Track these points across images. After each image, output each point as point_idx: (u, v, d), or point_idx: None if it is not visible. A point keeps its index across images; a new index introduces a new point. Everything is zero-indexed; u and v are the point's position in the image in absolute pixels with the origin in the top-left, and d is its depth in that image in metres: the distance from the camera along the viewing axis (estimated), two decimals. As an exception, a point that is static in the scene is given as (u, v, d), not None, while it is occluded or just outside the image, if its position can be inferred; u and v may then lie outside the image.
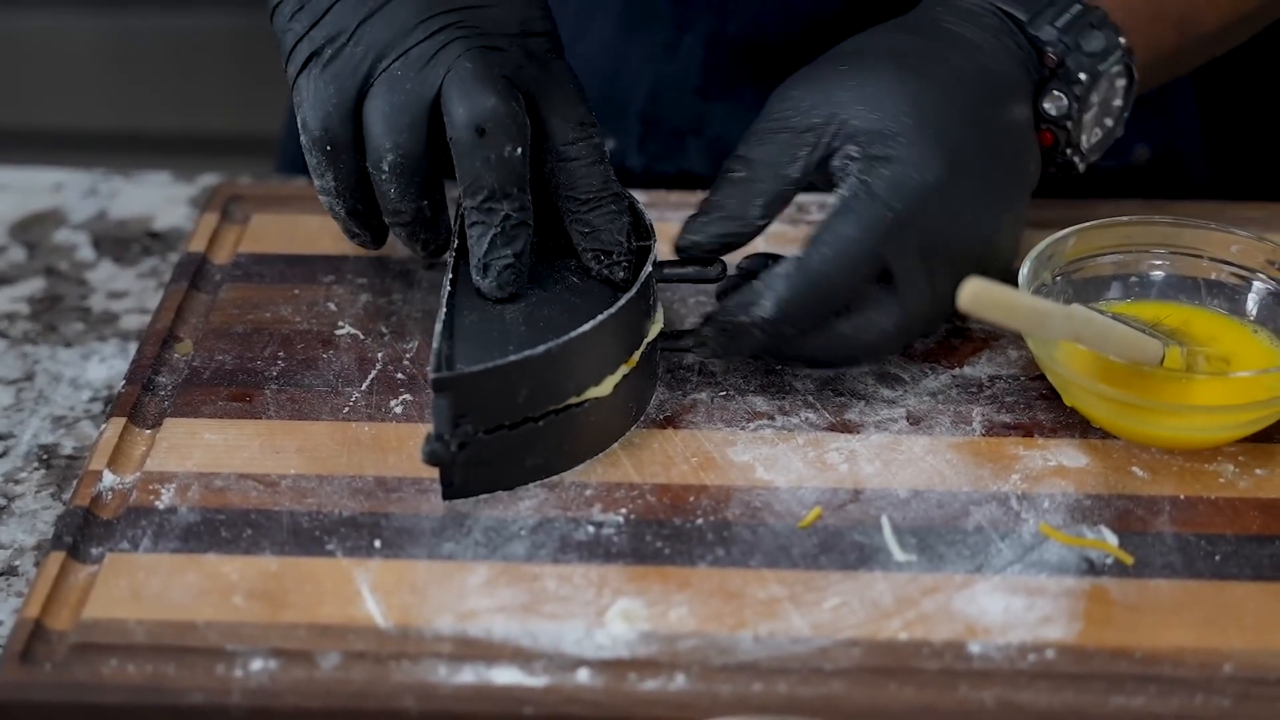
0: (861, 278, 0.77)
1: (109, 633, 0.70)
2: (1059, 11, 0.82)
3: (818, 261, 0.77)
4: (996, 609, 0.71)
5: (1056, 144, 0.82)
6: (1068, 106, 0.81)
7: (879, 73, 0.79)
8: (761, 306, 0.77)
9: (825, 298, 0.77)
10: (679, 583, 0.72)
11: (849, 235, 0.77)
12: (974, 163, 0.78)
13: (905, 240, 0.77)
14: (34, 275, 0.97)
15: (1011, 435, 0.79)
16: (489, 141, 0.78)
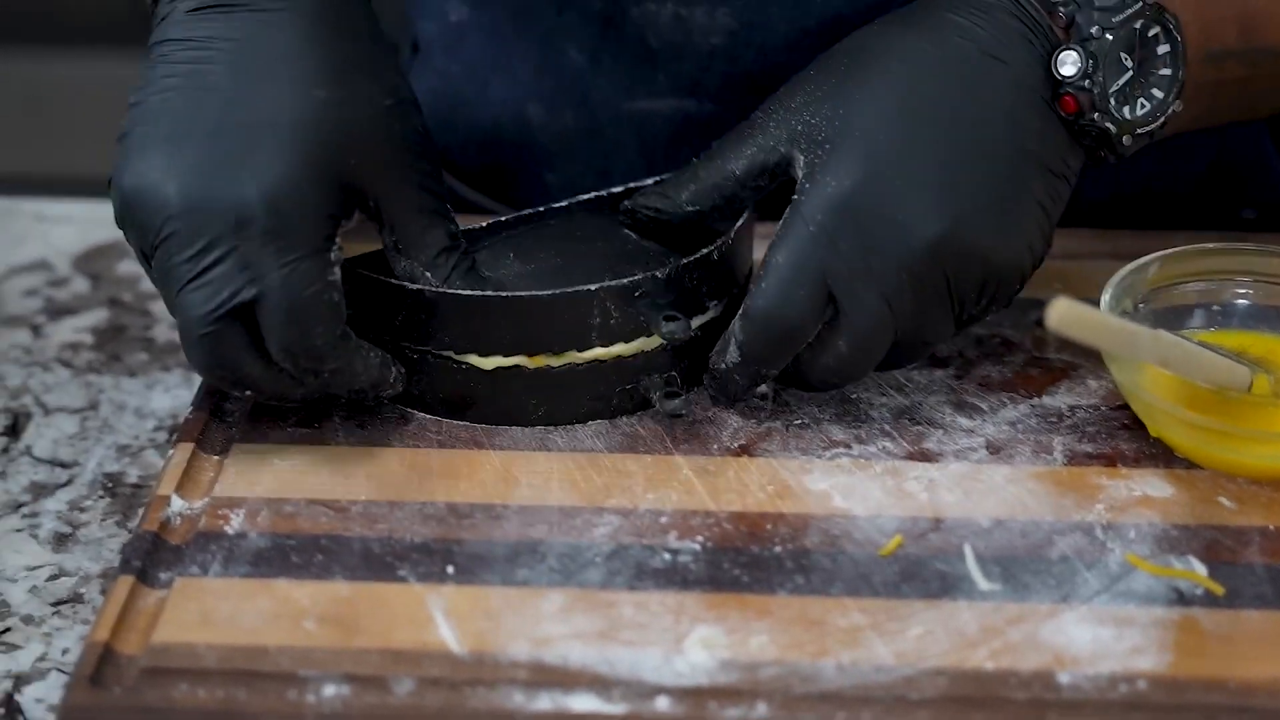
0: (809, 300, 0.76)
1: (179, 657, 0.68)
2: None
3: (760, 299, 0.77)
4: (1085, 639, 0.69)
5: (1081, 110, 0.78)
6: (1082, 64, 0.77)
7: (832, 73, 0.78)
8: (730, 354, 0.78)
9: (781, 332, 0.76)
10: (758, 610, 0.70)
11: (780, 263, 0.76)
12: (919, 158, 0.76)
13: (836, 253, 0.75)
14: (98, 306, 0.96)
15: (1094, 465, 0.78)
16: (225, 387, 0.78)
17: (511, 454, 0.78)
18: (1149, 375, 0.76)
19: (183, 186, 0.74)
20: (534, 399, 0.79)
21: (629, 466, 0.78)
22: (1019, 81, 0.77)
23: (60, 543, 0.81)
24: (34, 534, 0.81)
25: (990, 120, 0.77)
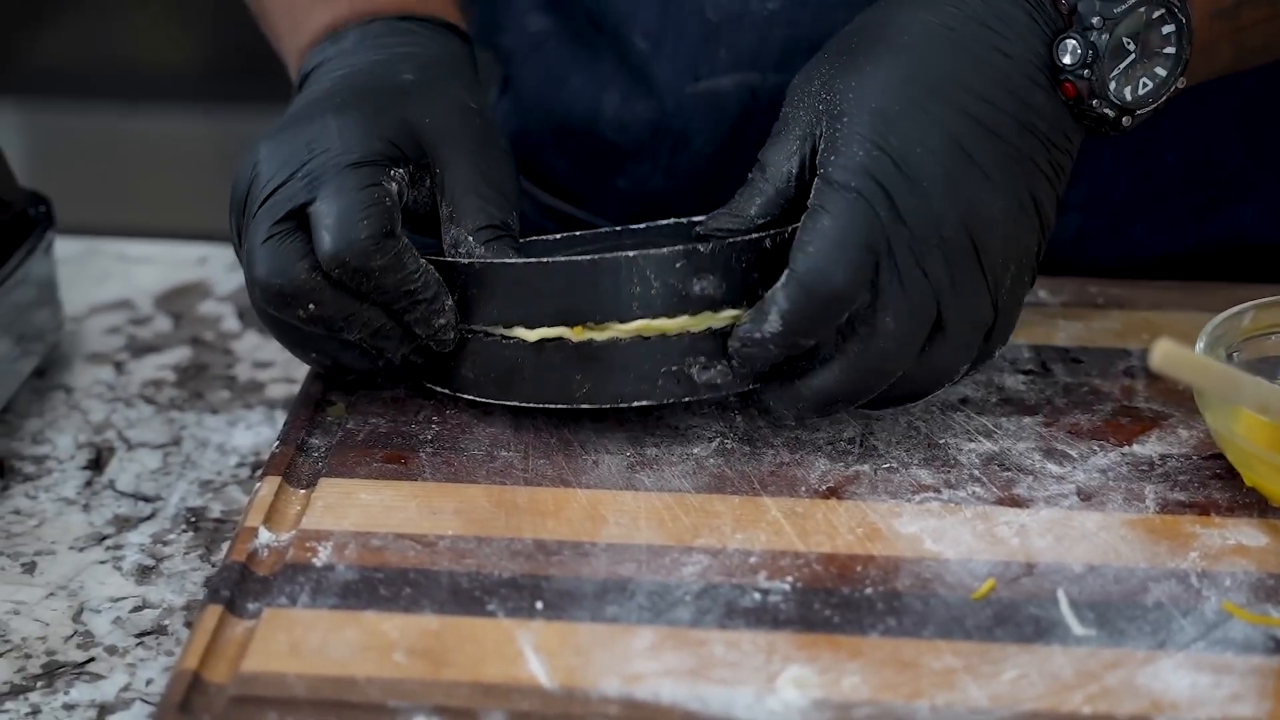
0: (856, 265, 0.75)
1: (268, 686, 0.68)
2: None
3: (808, 262, 0.75)
4: (1183, 685, 0.68)
5: (1079, 96, 0.78)
6: (1081, 53, 0.77)
7: (843, 52, 0.78)
8: (769, 323, 0.76)
9: (829, 296, 0.75)
10: (850, 651, 0.70)
11: (826, 226, 0.75)
12: (932, 130, 0.76)
13: (876, 219, 0.75)
14: (180, 344, 0.97)
15: (1187, 513, 0.77)
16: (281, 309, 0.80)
17: (598, 492, 0.78)
18: (1245, 422, 0.76)
19: (271, 136, 0.81)
20: (578, 374, 0.79)
21: (716, 507, 0.77)
22: (1022, 61, 0.78)
23: (144, 575, 0.81)
24: (118, 566, 0.81)
25: (996, 95, 0.77)
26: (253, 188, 0.80)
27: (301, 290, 0.78)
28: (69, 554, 0.82)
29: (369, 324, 0.80)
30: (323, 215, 0.78)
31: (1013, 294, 0.78)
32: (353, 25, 0.87)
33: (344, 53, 0.86)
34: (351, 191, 0.78)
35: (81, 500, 0.85)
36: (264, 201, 0.79)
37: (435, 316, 0.80)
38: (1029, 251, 0.78)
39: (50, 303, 0.94)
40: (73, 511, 0.85)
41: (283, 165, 0.80)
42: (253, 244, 0.79)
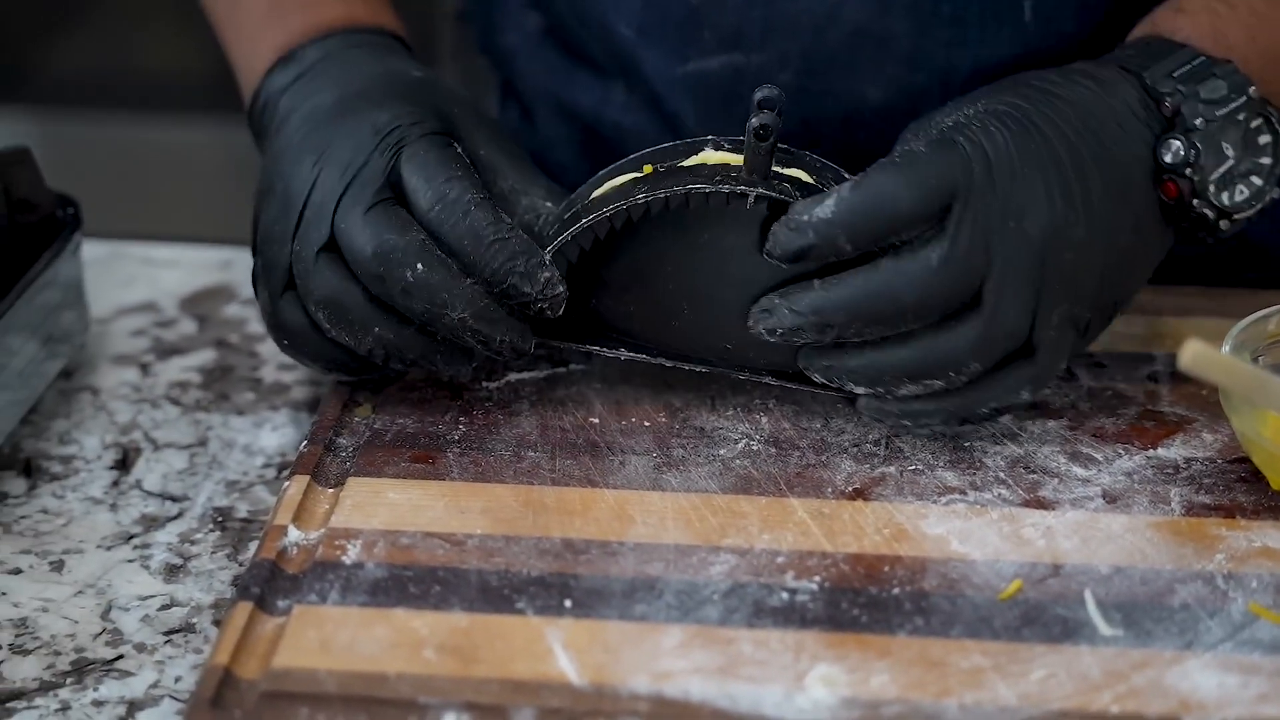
0: (927, 197, 0.76)
1: (299, 682, 0.68)
2: (1180, 64, 0.82)
3: (881, 171, 0.77)
4: (1210, 685, 0.68)
5: (1181, 195, 0.80)
6: (1184, 153, 0.80)
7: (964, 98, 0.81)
8: (823, 207, 0.77)
9: (889, 207, 0.76)
10: (878, 650, 0.70)
11: (918, 152, 0.78)
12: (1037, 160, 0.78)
13: (970, 173, 0.77)
14: (205, 347, 0.97)
15: (1212, 516, 0.77)
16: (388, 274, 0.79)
17: (625, 493, 0.78)
18: (1272, 425, 0.76)
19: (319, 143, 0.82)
20: (644, 187, 0.80)
21: (743, 507, 0.78)
22: (1132, 150, 0.80)
23: (171, 574, 0.81)
24: (145, 565, 0.82)
25: (1104, 163, 0.79)
26: (319, 185, 0.81)
27: (411, 248, 0.78)
28: (97, 553, 0.82)
29: (474, 300, 0.79)
30: (414, 177, 0.80)
31: (1059, 334, 0.78)
32: (307, 42, 0.88)
33: (324, 64, 0.87)
34: (435, 150, 0.80)
35: (109, 500, 0.86)
36: (348, 187, 0.80)
37: (539, 270, 0.79)
38: (1081, 308, 0.79)
39: (77, 304, 0.94)
40: (100, 511, 0.85)
41: (355, 151, 0.81)
42: (351, 220, 0.79)
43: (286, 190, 0.82)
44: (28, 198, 0.91)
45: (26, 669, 0.76)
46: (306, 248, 0.81)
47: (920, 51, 0.91)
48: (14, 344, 0.87)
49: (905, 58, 0.92)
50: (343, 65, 0.87)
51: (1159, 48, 0.83)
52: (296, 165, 0.82)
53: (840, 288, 0.77)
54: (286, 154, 0.83)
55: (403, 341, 0.80)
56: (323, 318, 0.81)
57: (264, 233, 0.83)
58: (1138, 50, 0.83)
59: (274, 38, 0.89)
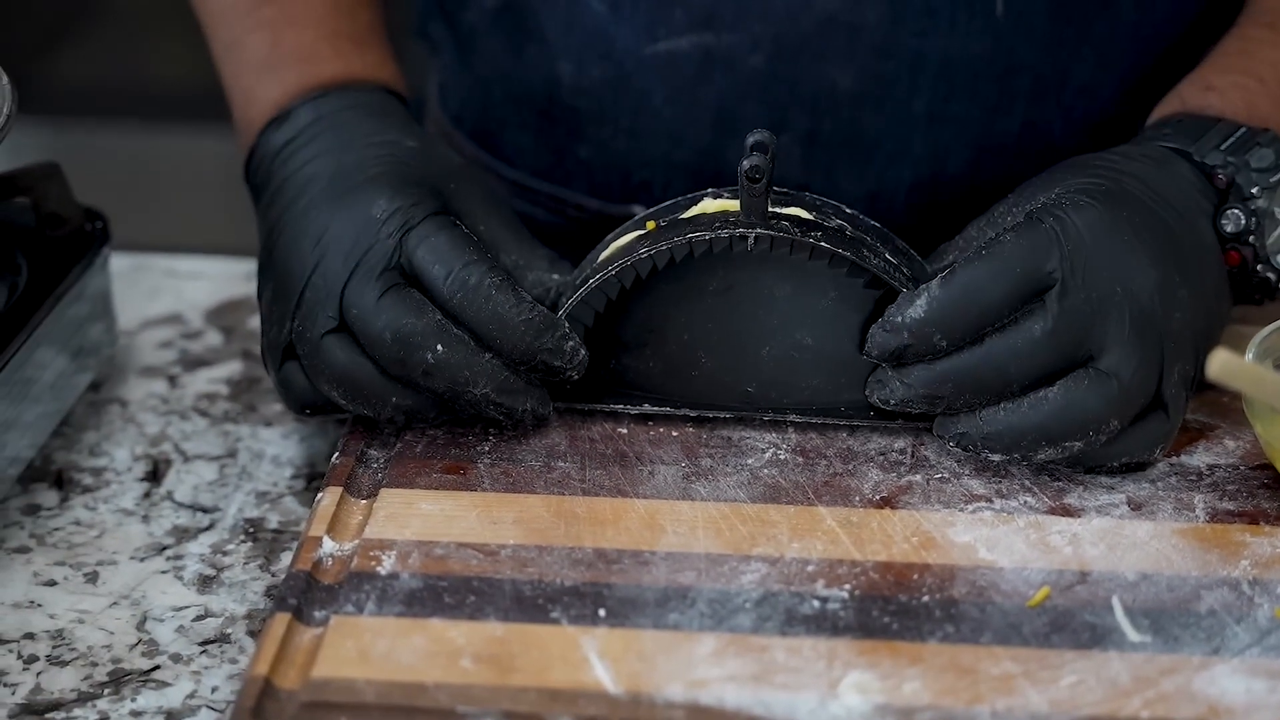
0: (1018, 284, 0.78)
1: (339, 691, 0.69)
2: (1223, 137, 0.85)
3: (979, 268, 0.79)
4: (1238, 690, 0.69)
5: (1244, 262, 0.84)
6: (1245, 222, 0.83)
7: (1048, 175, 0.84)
8: (915, 307, 0.79)
9: (976, 303, 0.78)
10: (910, 657, 0.71)
11: (1009, 240, 0.79)
12: (1132, 235, 0.80)
13: (1061, 254, 0.79)
14: (231, 358, 0.98)
15: (1237, 522, 0.78)
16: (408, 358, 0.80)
17: (655, 502, 0.79)
18: (1295, 432, 0.77)
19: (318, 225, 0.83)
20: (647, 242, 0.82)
21: (772, 516, 0.78)
22: (1200, 221, 0.83)
23: (205, 584, 0.82)
24: (179, 576, 0.83)
25: (1183, 233, 0.82)
26: (321, 269, 0.82)
27: (430, 330, 0.80)
28: (130, 564, 0.83)
29: (494, 375, 0.80)
30: (426, 257, 0.81)
31: (1178, 391, 0.80)
32: (301, 102, 0.89)
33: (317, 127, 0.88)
34: (444, 233, 0.82)
35: (140, 511, 0.87)
36: (354, 271, 0.81)
37: (565, 342, 0.81)
38: (1189, 365, 0.80)
39: (105, 317, 0.95)
40: (132, 522, 0.86)
41: (358, 236, 0.82)
42: (364, 306, 0.80)
43: (285, 271, 0.83)
44: (57, 212, 0.92)
45: (65, 680, 0.77)
46: (312, 330, 0.82)
47: (891, 40, 0.93)
48: (45, 357, 0.88)
49: (876, 46, 0.93)
50: (336, 133, 0.87)
51: (1196, 125, 0.86)
52: (295, 246, 0.83)
53: (947, 364, 0.80)
54: (283, 232, 0.84)
55: (422, 406, 0.82)
56: (338, 395, 0.82)
57: (264, 313, 0.85)
58: (1175, 129, 0.86)
59: (269, 92, 0.90)
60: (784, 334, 0.82)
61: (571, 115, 0.99)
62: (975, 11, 0.91)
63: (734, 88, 0.94)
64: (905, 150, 0.93)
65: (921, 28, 0.92)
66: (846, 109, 0.93)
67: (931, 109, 0.93)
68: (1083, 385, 0.78)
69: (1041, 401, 0.79)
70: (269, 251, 0.85)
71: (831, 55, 0.93)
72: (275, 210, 0.86)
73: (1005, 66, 0.92)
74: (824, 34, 0.92)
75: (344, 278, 0.81)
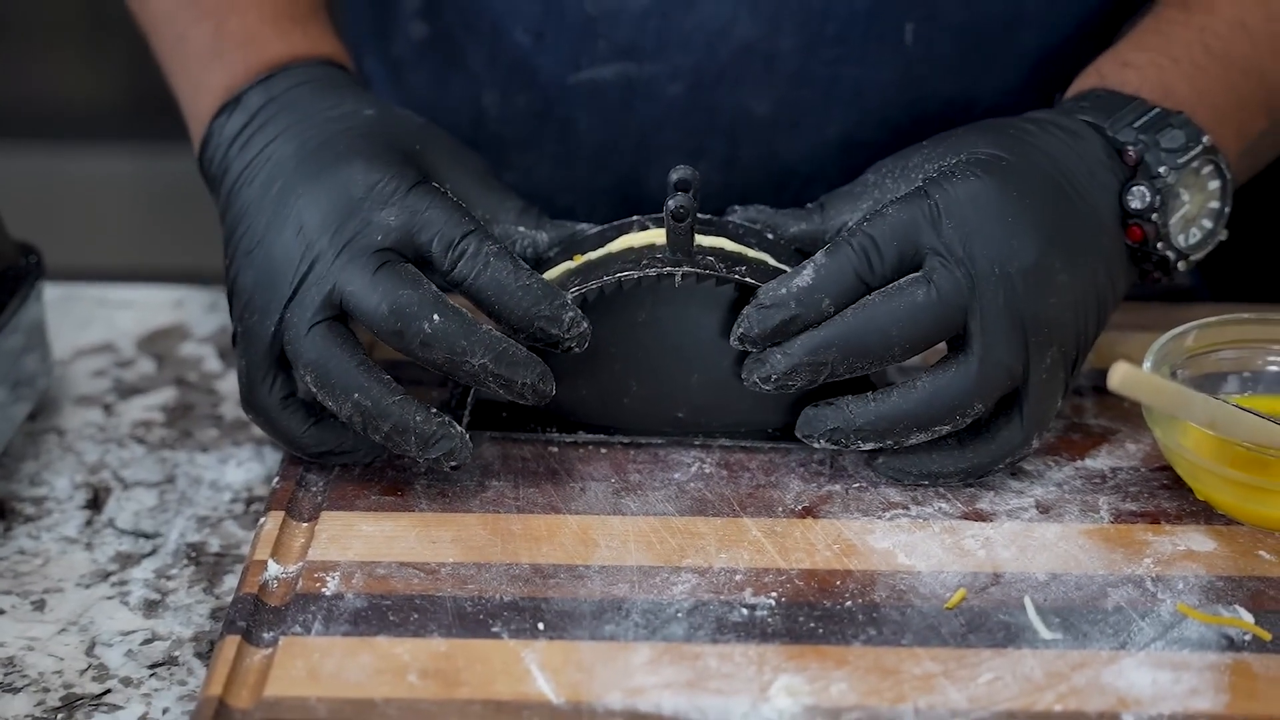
0: (897, 253, 0.81)
1: (292, 710, 0.72)
2: (1137, 115, 0.87)
3: (862, 237, 0.81)
4: (1145, 682, 0.74)
5: (1146, 239, 0.86)
6: (1150, 199, 0.85)
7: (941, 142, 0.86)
8: (801, 277, 0.81)
9: (859, 263, 0.81)
10: (836, 660, 0.75)
11: (889, 213, 0.82)
12: (1020, 209, 0.82)
13: (938, 230, 0.81)
14: (165, 385, 1.00)
15: (1139, 522, 0.82)
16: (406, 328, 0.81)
17: (587, 518, 0.83)
18: (1192, 437, 0.81)
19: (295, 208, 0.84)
20: (577, 278, 0.84)
21: (700, 528, 0.82)
22: (1102, 195, 0.85)
23: (151, 609, 0.84)
24: (124, 601, 0.85)
25: (1079, 208, 0.84)
26: (310, 256, 0.82)
27: (425, 301, 0.80)
28: (76, 590, 0.85)
29: (493, 345, 0.81)
30: (422, 235, 0.82)
31: (1051, 375, 0.82)
32: (250, 85, 0.90)
33: (270, 109, 0.88)
34: (434, 202, 0.83)
35: (84, 539, 0.89)
36: (342, 251, 0.82)
37: (563, 311, 0.82)
38: (1069, 348, 0.83)
39: (40, 348, 0.97)
40: (76, 550, 0.88)
41: (342, 216, 0.82)
42: (359, 284, 0.81)
43: (269, 259, 0.83)
44: (-8, 248, 0.94)
45: (18, 706, 0.79)
46: (301, 317, 0.82)
47: (805, 69, 0.96)
48: (-14, 391, 0.90)
49: (791, 74, 0.97)
50: (290, 112, 0.88)
51: (1112, 100, 0.88)
52: (276, 234, 0.83)
53: (830, 326, 0.81)
54: (258, 218, 0.84)
55: (380, 411, 0.81)
56: (310, 380, 0.82)
57: (245, 302, 0.84)
58: (1092, 103, 0.88)
59: (217, 79, 0.91)
60: (711, 361, 0.85)
61: (497, 143, 1.01)
62: (885, 41, 0.95)
63: (655, 115, 0.97)
64: (820, 174, 0.97)
65: (834, 56, 0.96)
66: (763, 135, 0.97)
67: (845, 134, 0.96)
68: (950, 370, 0.81)
69: (909, 389, 0.82)
70: (242, 238, 0.85)
71: (748, 83, 0.96)
72: (244, 197, 0.86)
73: (915, 94, 0.96)
74: (741, 63, 0.96)
75: (331, 259, 0.82)
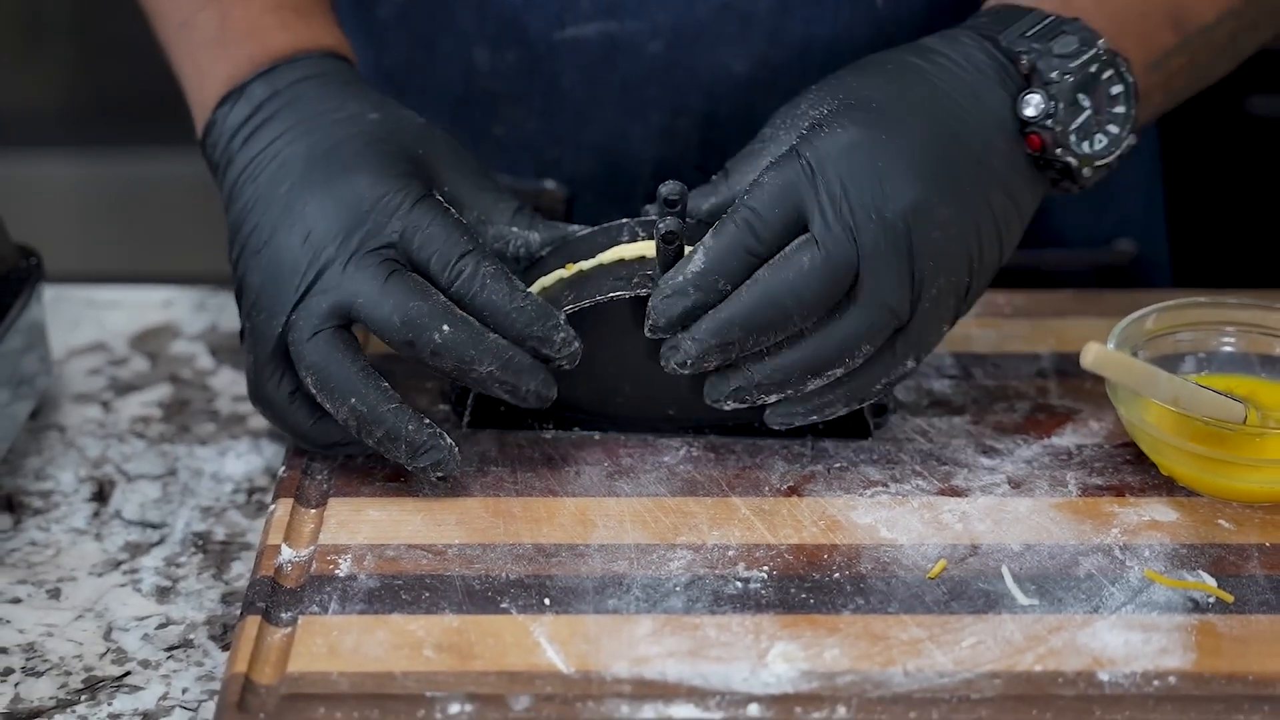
0: (783, 219, 0.83)
1: (314, 684, 0.76)
2: (1031, 24, 0.88)
3: (741, 213, 0.84)
4: (1118, 643, 0.78)
5: (1045, 146, 0.87)
6: (1044, 105, 0.86)
7: (830, 80, 0.88)
8: (694, 262, 0.84)
9: (750, 239, 0.83)
10: (827, 628, 0.79)
11: (765, 182, 0.84)
12: (901, 141, 0.84)
13: (817, 187, 0.83)
14: (160, 382, 1.03)
15: (1105, 495, 0.87)
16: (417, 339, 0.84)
17: (584, 500, 0.87)
18: (1154, 413, 0.86)
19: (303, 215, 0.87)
20: (569, 293, 0.87)
21: (692, 508, 0.86)
22: (990, 113, 0.87)
23: (163, 595, 0.88)
24: (137, 588, 0.88)
25: (962, 135, 0.86)
26: (315, 265, 0.85)
27: (436, 311, 0.84)
28: (90, 579, 0.89)
29: (500, 354, 0.84)
30: (423, 246, 0.85)
31: (936, 305, 0.85)
32: (254, 76, 0.92)
33: (275, 103, 0.91)
34: (436, 222, 0.85)
35: (93, 530, 0.92)
36: (351, 259, 0.85)
37: (555, 332, 0.85)
38: (960, 276, 0.86)
39: (40, 348, 1.00)
40: (86, 540, 0.91)
41: (349, 225, 0.85)
42: (368, 294, 0.84)
43: (277, 261, 0.86)
44: (-6, 250, 0.97)
45: (42, 689, 0.82)
46: (307, 322, 0.85)
47: (780, 28, 1.01)
48: (-7, 390, 0.93)
49: (767, 33, 1.01)
50: (295, 109, 0.90)
51: (1009, 14, 0.89)
52: (285, 237, 0.86)
53: (729, 307, 0.84)
54: (265, 216, 0.87)
55: (375, 418, 0.84)
56: (310, 382, 0.85)
57: (252, 301, 0.87)
58: (990, 18, 0.90)
59: (221, 69, 0.93)
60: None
61: (487, 98, 1.05)
62: (857, 3, 0.99)
63: (637, 72, 1.02)
64: None
65: (808, 16, 1.00)
66: (741, 93, 1.01)
67: None
68: (837, 319, 0.84)
69: (800, 341, 0.84)
70: (250, 237, 0.87)
71: (726, 42, 1.00)
72: (249, 193, 0.88)
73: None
74: (718, 21, 1.00)
75: (342, 270, 0.84)
